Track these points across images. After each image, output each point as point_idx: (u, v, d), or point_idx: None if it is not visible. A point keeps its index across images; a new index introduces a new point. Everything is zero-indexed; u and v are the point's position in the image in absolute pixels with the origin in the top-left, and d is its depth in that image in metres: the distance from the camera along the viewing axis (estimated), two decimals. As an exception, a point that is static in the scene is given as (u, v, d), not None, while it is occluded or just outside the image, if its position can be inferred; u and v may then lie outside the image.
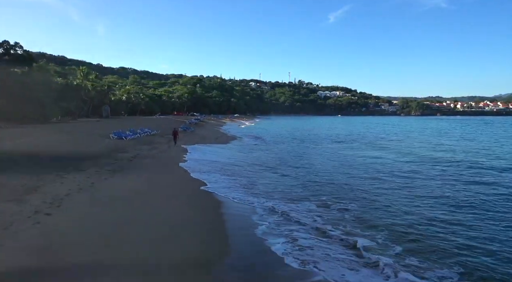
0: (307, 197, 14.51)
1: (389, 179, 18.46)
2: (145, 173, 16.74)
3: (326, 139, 46.84)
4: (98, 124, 50.44)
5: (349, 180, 18.25)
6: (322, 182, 17.68)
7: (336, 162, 24.63)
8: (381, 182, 17.67)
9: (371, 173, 20.36)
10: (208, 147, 31.74)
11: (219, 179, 17.19)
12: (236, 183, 16.48)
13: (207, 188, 14.74)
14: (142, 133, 36.03)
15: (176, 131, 29.31)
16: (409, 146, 37.31)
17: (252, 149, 33.02)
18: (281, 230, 9.88)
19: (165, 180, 15.85)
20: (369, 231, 10.17)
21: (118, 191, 12.86)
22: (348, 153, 30.22)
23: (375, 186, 16.68)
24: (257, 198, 13.81)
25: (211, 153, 27.86)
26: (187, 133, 43.73)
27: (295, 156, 28.17)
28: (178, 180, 16.13)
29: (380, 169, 21.84)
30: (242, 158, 25.73)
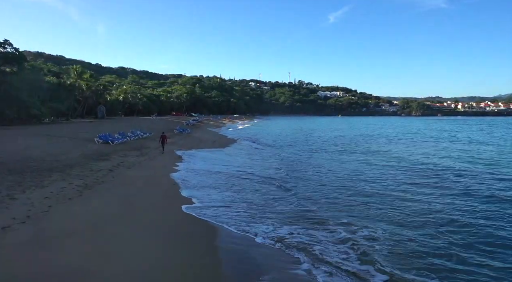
0: (326, 219, 11.60)
1: (417, 193, 15.37)
2: (124, 189, 13.64)
3: (333, 142, 43.27)
4: (90, 125, 47.31)
5: (370, 195, 15.18)
6: (338, 197, 14.64)
7: (349, 172, 21.44)
8: (410, 199, 14.58)
9: (393, 185, 17.27)
10: (205, 153, 28.63)
11: (214, 196, 14.13)
12: (237, 203, 13.39)
13: (199, 212, 11.64)
14: (133, 136, 32.91)
15: (164, 136, 25.38)
16: (427, 153, 31.55)
17: (253, 154, 29.86)
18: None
19: (148, 200, 12.74)
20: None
21: (78, 220, 9.75)
22: (362, 160, 26.64)
23: (399, 202, 13.61)
24: (265, 225, 10.79)
25: (207, 160, 24.73)
26: (182, 135, 40.63)
27: (302, 163, 25.04)
28: (164, 200, 13.02)
29: (402, 180, 18.74)
30: (243, 166, 22.61)
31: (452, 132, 64.97)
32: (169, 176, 17.31)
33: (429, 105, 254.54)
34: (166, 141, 25.19)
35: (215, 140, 39.95)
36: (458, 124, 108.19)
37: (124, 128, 41.61)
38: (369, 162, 25.74)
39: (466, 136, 52.84)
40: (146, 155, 23.20)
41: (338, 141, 44.88)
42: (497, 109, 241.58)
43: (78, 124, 52.26)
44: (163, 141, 24.93)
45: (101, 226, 9.48)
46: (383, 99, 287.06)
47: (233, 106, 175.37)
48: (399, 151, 33.37)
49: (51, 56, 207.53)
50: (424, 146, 39.03)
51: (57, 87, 63.23)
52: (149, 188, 14.47)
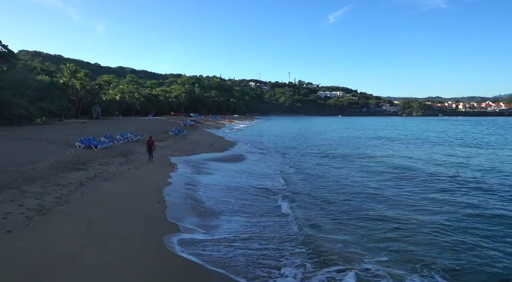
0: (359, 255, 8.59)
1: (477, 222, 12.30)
2: (90, 212, 10.56)
3: (345, 147, 38.33)
4: (80, 127, 44.21)
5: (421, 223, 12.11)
6: (373, 229, 11.58)
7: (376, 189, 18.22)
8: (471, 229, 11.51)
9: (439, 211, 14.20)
10: (201, 158, 25.54)
11: (210, 226, 11.12)
12: (242, 240, 10.35)
13: (190, 254, 8.60)
14: (122, 139, 29.80)
15: (151, 142, 21.41)
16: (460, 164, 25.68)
17: (254, 161, 26.75)
18: None
19: (119, 229, 9.67)
20: None
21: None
22: (398, 175, 20.95)
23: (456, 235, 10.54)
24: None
25: (203, 168, 21.64)
26: (178, 138, 37.55)
27: (312, 175, 21.82)
28: (144, 232, 9.93)
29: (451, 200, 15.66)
30: (242, 178, 19.55)
31: (470, 134, 60.49)
32: (155, 191, 14.28)
33: (430, 106, 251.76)
34: (154, 146, 21.51)
35: (213, 143, 36.87)
36: (470, 125, 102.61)
37: (115, 129, 38.54)
38: (405, 177, 20.45)
39: (496, 140, 47.54)
40: (132, 162, 20.10)
41: (351, 145, 41.09)
42: (498, 110, 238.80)
43: (69, 125, 49.18)
44: (150, 147, 21.15)
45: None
46: (383, 99, 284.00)
47: (233, 106, 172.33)
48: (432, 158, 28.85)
49: (49, 56, 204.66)
50: (474, 154, 31.53)
51: (48, 87, 60.09)
52: (126, 210, 11.39)
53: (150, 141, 21.53)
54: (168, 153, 25.61)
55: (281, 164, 25.16)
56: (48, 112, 54.30)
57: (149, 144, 21.30)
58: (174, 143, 32.28)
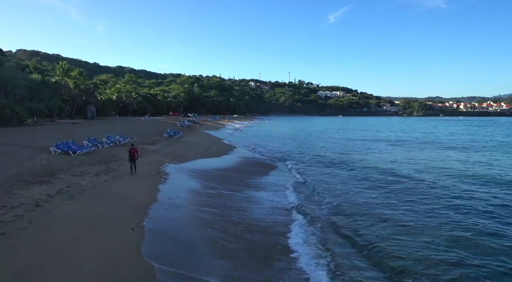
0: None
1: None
2: (27, 256, 7.56)
3: (360, 153, 33.72)
4: (68, 128, 41.23)
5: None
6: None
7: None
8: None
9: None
10: (195, 165, 22.56)
11: (204, 270, 8.11)
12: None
13: None
14: (108, 142, 26.79)
15: (134, 151, 17.37)
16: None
17: (255, 171, 23.64)
18: None
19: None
20: None
21: None
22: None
23: None
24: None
25: (196, 182, 18.65)
26: (172, 140, 34.54)
27: (322, 186, 18.81)
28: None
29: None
30: (243, 195, 16.59)
31: (487, 136, 56.36)
32: (133, 211, 11.31)
33: (431, 106, 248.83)
34: (137, 155, 17.65)
35: (210, 146, 33.86)
36: (476, 126, 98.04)
37: (107, 131, 35.56)
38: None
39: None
40: (112, 172, 17.11)
41: (362, 150, 37.98)
42: (499, 110, 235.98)
43: (59, 126, 46.30)
44: (132, 157, 17.23)
45: None
46: (384, 99, 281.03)
47: (233, 106, 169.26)
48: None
49: (47, 55, 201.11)
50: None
51: (39, 86, 57.08)
52: (82, 248, 8.39)
53: (132, 149, 17.51)
54: (158, 158, 22.61)
55: (295, 187, 18.27)
56: (37, 112, 51.36)
57: (131, 153, 17.29)
58: (167, 146, 29.26)
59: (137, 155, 17.50)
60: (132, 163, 17.25)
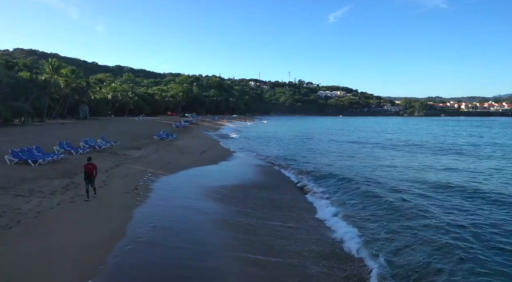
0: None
1: None
2: None
3: (377, 160, 27.35)
4: (50, 129, 37.24)
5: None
6: None
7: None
8: None
9: None
10: (186, 177, 18.62)
11: None
12: None
13: None
14: (87, 147, 22.81)
15: (91, 166, 12.49)
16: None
17: (260, 195, 17.42)
18: None
19: None
20: None
21: None
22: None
23: None
24: None
25: (185, 201, 14.71)
26: (163, 144, 30.55)
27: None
28: None
29: None
30: (247, 214, 12.65)
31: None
32: (85, 254, 7.42)
33: (432, 106, 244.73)
34: (95, 173, 12.55)
35: (205, 150, 29.88)
36: (487, 127, 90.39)
37: (95, 132, 31.70)
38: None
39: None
40: (74, 189, 13.17)
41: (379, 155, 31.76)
42: (501, 110, 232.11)
43: (44, 126, 42.49)
44: (89, 175, 12.27)
45: None
46: (384, 99, 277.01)
47: (232, 106, 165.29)
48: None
49: (44, 54, 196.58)
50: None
51: (26, 84, 53.10)
52: None
53: (88, 164, 12.47)
54: (140, 168, 18.67)
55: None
56: (21, 112, 47.46)
57: (87, 170, 12.30)
58: (155, 151, 25.28)
59: (95, 172, 12.57)
60: (88, 184, 12.26)
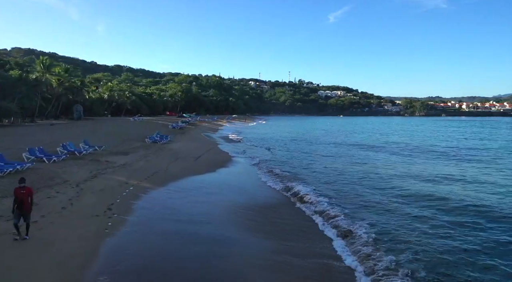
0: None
1: None
2: None
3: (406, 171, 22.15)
4: (33, 131, 34.31)
5: None
6: None
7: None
8: None
9: None
10: (176, 190, 15.66)
11: None
12: None
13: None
14: (64, 154, 19.83)
15: (24, 191, 8.57)
16: None
17: (271, 204, 14.76)
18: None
19: None
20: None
21: None
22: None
23: None
24: None
25: (173, 227, 11.76)
26: (154, 148, 27.54)
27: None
28: None
29: None
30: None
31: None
32: None
33: (432, 105, 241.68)
34: (30, 202, 8.69)
35: (201, 155, 26.88)
36: (496, 128, 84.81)
37: (84, 134, 28.76)
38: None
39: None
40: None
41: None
42: (503, 110, 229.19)
43: (31, 128, 39.43)
44: (20, 204, 8.43)
45: None
46: (385, 99, 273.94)
47: (232, 106, 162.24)
48: None
49: (43, 53, 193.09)
50: None
51: (15, 83, 50.19)
52: None
53: (20, 189, 8.61)
54: (122, 178, 15.71)
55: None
56: (8, 112, 44.53)
57: (18, 197, 8.53)
58: (143, 157, 22.29)
59: (30, 200, 8.70)
60: (20, 216, 8.45)
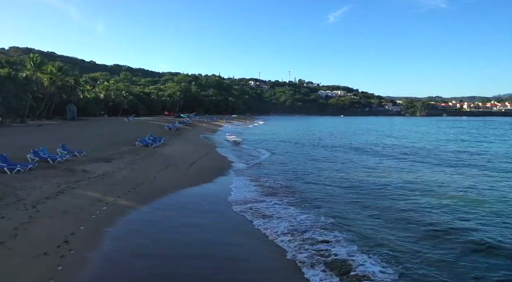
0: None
1: None
2: None
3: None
4: (13, 132, 31.30)
5: None
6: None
7: None
8: None
9: None
10: (159, 213, 12.67)
11: None
12: None
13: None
14: (34, 162, 16.84)
15: None
16: None
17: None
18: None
19: None
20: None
21: None
22: None
23: None
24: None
25: (151, 271, 8.70)
26: (145, 152, 24.53)
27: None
28: None
29: None
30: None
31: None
32: None
33: (434, 105, 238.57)
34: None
35: (197, 159, 23.88)
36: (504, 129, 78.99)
37: (64, 138, 25.83)
38: None
39: None
40: None
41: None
42: (504, 110, 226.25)
43: (14, 130, 36.40)
44: None
45: None
46: (385, 99, 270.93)
47: (232, 105, 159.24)
48: None
49: (41, 52, 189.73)
50: None
51: (4, 81, 47.23)
52: None
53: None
54: (96, 194, 12.72)
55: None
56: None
57: None
58: (129, 164, 19.27)
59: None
60: None
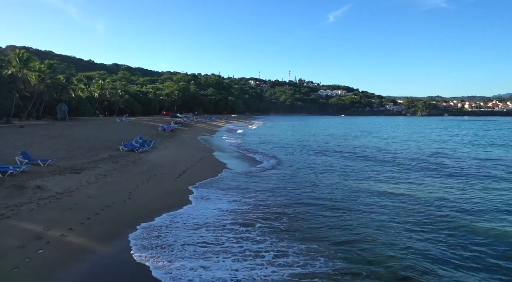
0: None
1: None
2: None
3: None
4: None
5: None
6: None
7: None
8: None
9: None
10: (122, 262, 9.00)
11: None
12: None
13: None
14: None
15: None
16: None
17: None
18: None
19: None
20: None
21: None
22: None
23: None
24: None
25: None
26: (129, 158, 20.91)
27: None
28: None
29: None
30: None
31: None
32: None
33: (435, 105, 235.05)
34: None
35: (188, 168, 20.26)
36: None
37: (29, 143, 22.24)
38: None
39: None
40: None
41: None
42: (506, 109, 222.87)
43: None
44: None
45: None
46: (386, 98, 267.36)
47: (231, 105, 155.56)
48: None
49: (38, 51, 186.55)
50: None
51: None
52: None
53: None
54: (36, 226, 9.15)
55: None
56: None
57: None
58: (103, 175, 15.64)
59: None
60: None
